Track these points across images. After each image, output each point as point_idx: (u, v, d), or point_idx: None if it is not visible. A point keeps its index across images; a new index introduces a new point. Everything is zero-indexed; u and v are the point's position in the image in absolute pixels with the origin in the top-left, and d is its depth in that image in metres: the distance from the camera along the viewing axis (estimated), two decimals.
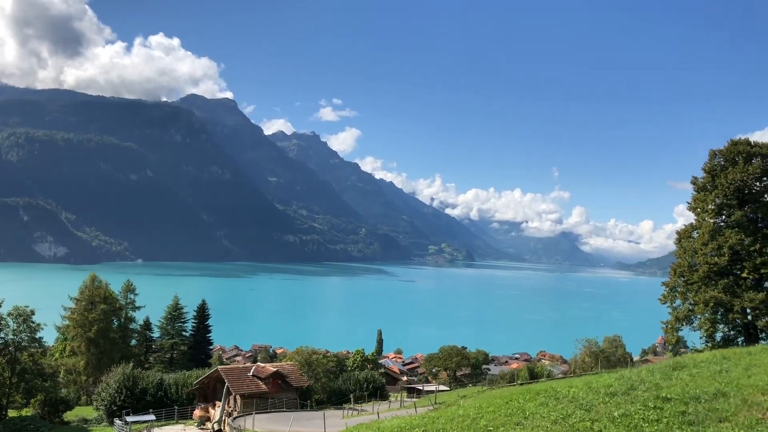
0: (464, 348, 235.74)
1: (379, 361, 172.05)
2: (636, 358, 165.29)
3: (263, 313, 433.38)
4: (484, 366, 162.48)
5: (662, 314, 55.43)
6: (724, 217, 50.57)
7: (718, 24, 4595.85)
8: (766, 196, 49.54)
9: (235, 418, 52.30)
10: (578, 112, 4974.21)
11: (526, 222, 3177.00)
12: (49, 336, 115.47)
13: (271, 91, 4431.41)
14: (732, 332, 50.69)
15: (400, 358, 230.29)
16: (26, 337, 68.07)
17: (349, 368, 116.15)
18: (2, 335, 67.50)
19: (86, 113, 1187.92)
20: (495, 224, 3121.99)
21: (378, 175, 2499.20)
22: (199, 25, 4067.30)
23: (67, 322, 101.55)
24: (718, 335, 50.50)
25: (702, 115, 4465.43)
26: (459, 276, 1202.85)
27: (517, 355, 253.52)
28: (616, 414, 21.47)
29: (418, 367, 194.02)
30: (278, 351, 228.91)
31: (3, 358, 66.43)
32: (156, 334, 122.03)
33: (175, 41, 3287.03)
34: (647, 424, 19.85)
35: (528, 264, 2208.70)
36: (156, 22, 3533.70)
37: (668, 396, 22.37)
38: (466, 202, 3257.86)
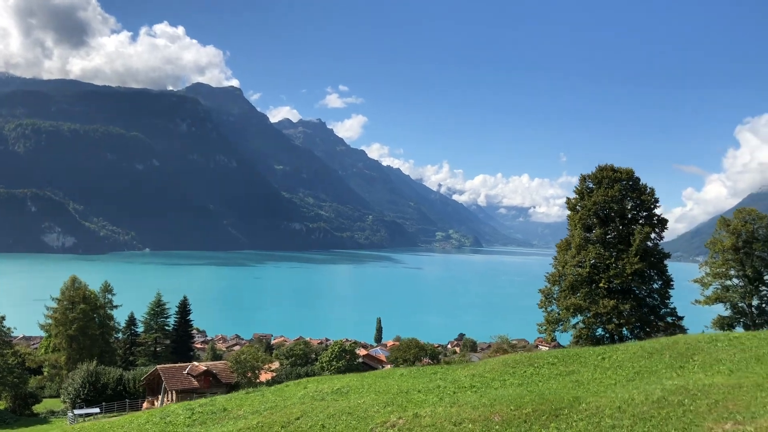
0: (466, 337, 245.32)
1: (370, 351, 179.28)
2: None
3: (268, 302, 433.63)
4: (472, 353, 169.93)
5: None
6: (591, 233, 57.83)
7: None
8: (626, 216, 56.69)
9: None
10: (584, 97, 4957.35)
11: (534, 207, 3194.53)
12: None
13: (277, 78, 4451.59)
14: (604, 333, 58.08)
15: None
16: None
17: (323, 360, 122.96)
18: None
19: (92, 103, 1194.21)
20: (502, 210, 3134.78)
21: (385, 162, 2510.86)
22: (204, 12, 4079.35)
23: (50, 321, 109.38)
24: (590, 335, 57.90)
25: (709, 97, 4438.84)
26: (466, 262, 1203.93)
27: (514, 342, 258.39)
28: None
29: None
30: (277, 340, 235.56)
31: None
32: (141, 328, 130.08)
33: (180, 30, 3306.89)
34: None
35: (536, 249, 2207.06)
36: (160, 10, 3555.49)
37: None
38: (474, 188, 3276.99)
